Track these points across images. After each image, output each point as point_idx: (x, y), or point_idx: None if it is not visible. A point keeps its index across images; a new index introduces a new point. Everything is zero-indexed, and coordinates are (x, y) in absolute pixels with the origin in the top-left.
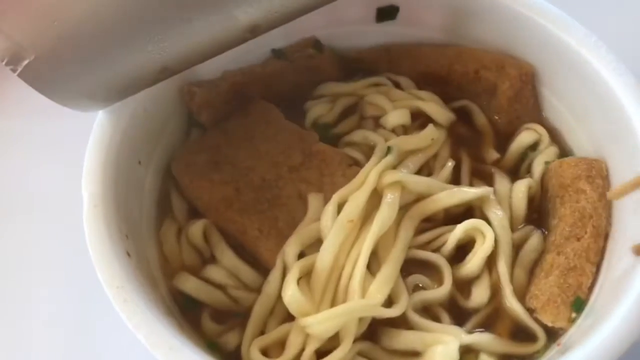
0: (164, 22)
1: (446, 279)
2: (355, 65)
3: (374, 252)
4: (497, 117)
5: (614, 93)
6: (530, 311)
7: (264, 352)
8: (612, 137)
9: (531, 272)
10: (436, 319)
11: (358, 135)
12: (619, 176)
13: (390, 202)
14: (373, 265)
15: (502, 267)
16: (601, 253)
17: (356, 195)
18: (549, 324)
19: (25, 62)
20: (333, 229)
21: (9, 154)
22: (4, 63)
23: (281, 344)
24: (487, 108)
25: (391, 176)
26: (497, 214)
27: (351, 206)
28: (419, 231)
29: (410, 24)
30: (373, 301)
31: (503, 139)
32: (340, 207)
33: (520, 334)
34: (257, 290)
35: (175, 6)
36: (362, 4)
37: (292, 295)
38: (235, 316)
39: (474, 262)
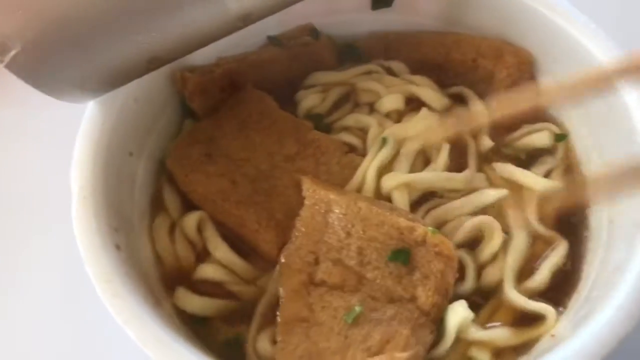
0: (153, 12)
1: (469, 275)
2: (352, 53)
3: None
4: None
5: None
6: None
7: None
8: (606, 120)
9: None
10: None
11: (350, 119)
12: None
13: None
14: None
15: (509, 261)
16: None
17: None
18: None
19: (12, 53)
20: None
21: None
22: None
23: None
24: (484, 96)
25: (395, 180)
26: (514, 212)
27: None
28: None
29: (407, 12)
30: None
31: (500, 128)
32: None
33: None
34: (255, 281)
35: None
36: None
37: None
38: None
39: (481, 255)
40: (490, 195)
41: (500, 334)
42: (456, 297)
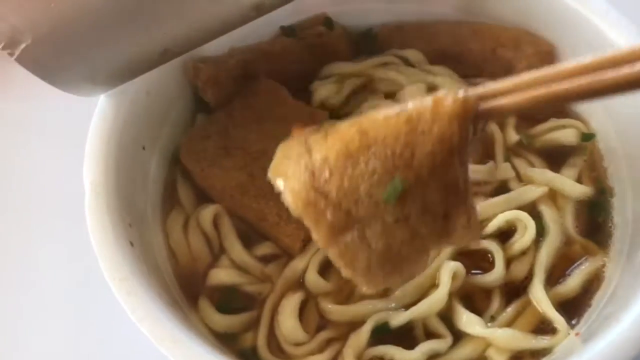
0: (166, 3)
1: (498, 265)
2: (367, 43)
3: None
4: None
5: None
6: None
7: None
8: (635, 119)
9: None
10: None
11: (367, 107)
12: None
13: None
14: None
15: (542, 255)
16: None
17: None
18: None
19: (23, 46)
20: None
21: (11, 137)
22: (1, 47)
23: None
24: None
25: None
26: (549, 208)
27: None
28: None
29: (423, 1)
30: (389, 305)
31: (519, 120)
32: None
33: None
34: (270, 279)
35: None
36: None
37: (314, 281)
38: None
39: (512, 249)
40: (533, 192)
41: (502, 334)
42: (484, 288)
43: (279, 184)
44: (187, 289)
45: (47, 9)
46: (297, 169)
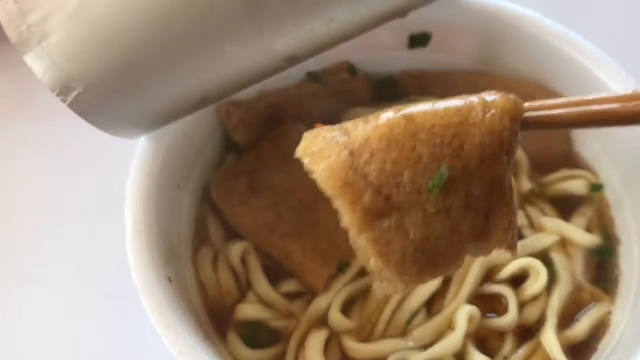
0: (207, 56)
1: (511, 308)
2: (387, 89)
3: None
4: (526, 146)
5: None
6: None
7: None
8: None
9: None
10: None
11: None
12: None
13: None
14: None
15: (554, 302)
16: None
17: None
18: None
19: (75, 93)
20: None
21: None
22: (55, 94)
23: None
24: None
25: None
26: (560, 256)
27: None
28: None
29: (442, 51)
30: (408, 344)
31: (532, 169)
32: None
33: None
34: (293, 315)
35: (217, 42)
36: (395, 30)
37: (337, 320)
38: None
39: (525, 294)
40: (545, 240)
41: None
42: (498, 330)
43: (311, 163)
44: (216, 322)
45: (99, 60)
46: (335, 147)
